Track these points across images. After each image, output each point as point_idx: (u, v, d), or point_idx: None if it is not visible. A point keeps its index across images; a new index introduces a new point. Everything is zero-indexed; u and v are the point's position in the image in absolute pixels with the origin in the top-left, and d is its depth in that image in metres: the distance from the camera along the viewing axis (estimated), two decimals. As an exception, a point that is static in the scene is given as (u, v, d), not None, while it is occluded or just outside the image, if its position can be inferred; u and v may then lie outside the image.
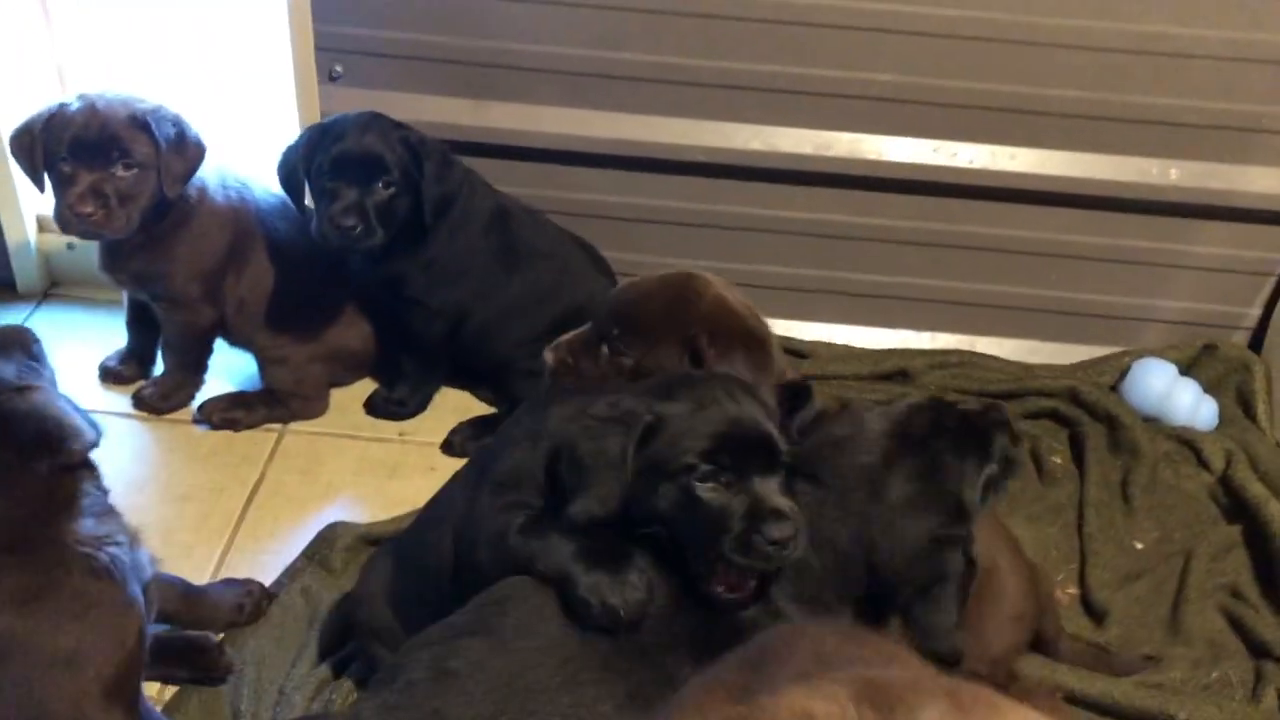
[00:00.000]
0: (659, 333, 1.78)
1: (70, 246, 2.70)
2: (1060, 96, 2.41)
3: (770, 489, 1.50)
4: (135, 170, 2.16)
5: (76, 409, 1.69)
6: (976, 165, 2.49)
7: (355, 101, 2.42)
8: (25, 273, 2.74)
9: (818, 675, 0.90)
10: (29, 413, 1.62)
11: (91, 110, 2.14)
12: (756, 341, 1.81)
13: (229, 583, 2.00)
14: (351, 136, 2.16)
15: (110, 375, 2.52)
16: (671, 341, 1.76)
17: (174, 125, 2.20)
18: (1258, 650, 2.05)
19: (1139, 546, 2.27)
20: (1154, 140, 2.45)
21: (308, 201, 2.28)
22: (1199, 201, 2.50)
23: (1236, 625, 2.10)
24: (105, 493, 1.71)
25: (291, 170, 2.24)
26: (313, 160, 2.18)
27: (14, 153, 2.20)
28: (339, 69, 2.47)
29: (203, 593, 1.96)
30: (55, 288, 2.79)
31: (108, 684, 1.57)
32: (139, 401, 2.45)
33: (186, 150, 2.20)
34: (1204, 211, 2.53)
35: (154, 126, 2.16)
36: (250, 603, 1.96)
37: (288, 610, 1.97)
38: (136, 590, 1.65)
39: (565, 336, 1.84)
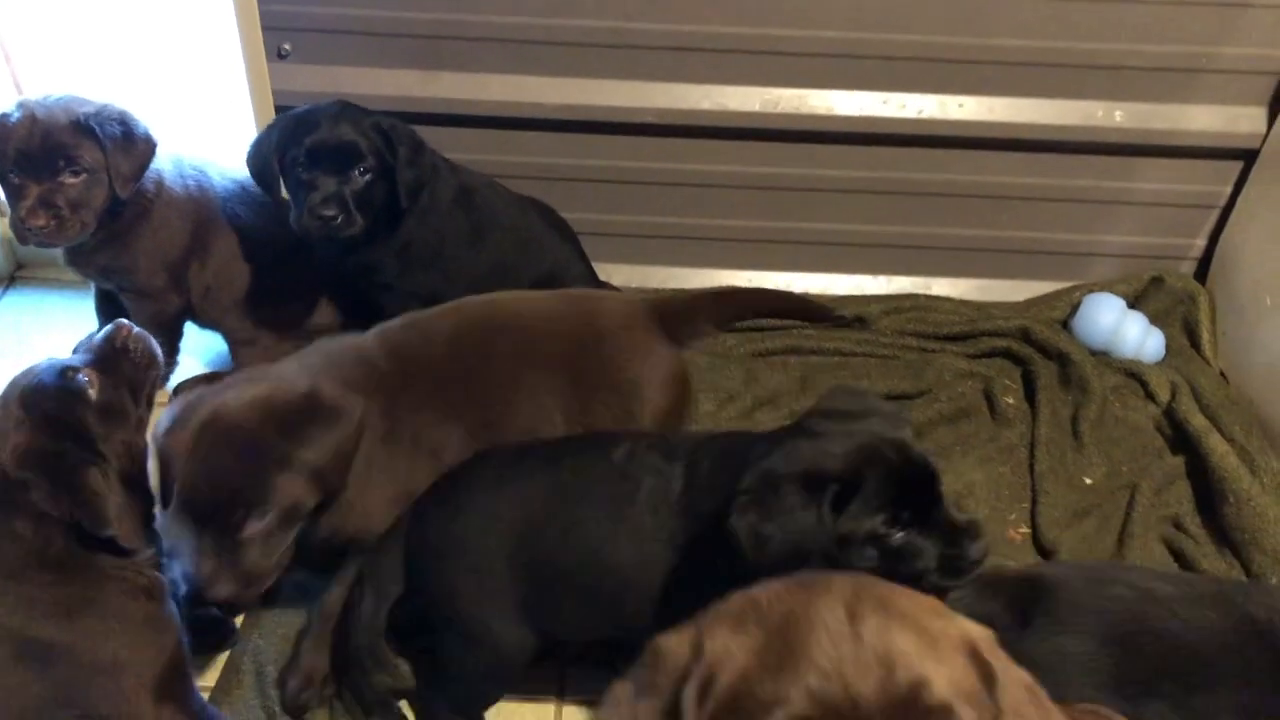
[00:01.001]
0: None
1: (33, 231, 2.70)
2: (1006, 46, 2.43)
3: (946, 508, 1.49)
4: (84, 176, 2.13)
5: None
6: (926, 115, 2.52)
7: (305, 78, 2.43)
8: (-11, 257, 2.76)
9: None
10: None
11: (32, 120, 2.10)
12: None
13: None
14: (325, 126, 2.15)
15: (83, 360, 2.55)
16: None
17: (120, 124, 2.16)
18: (1196, 581, 2.16)
19: (1088, 482, 2.36)
20: (1098, 84, 2.49)
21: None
22: (1144, 141, 2.55)
23: (1177, 557, 2.20)
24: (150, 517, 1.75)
25: (264, 162, 2.21)
26: (286, 152, 2.17)
27: None
28: (287, 47, 2.46)
29: None
30: (21, 270, 2.81)
31: (153, 684, 1.65)
32: (114, 387, 2.49)
33: (135, 148, 2.18)
34: (1149, 150, 2.58)
35: (98, 130, 2.12)
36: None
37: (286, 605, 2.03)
38: (172, 607, 1.71)
39: None
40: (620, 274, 2.74)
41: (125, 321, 1.83)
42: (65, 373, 1.70)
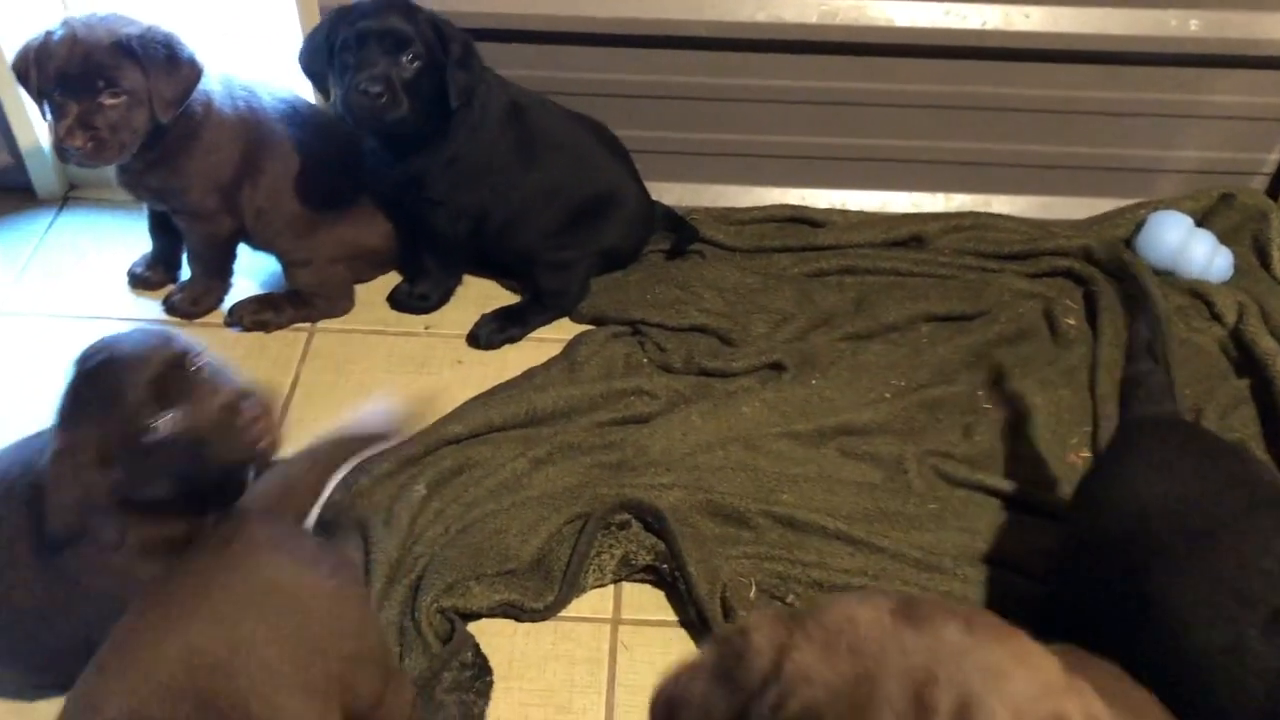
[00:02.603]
0: None
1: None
2: (1074, -49, 2.33)
3: None
4: (124, 98, 2.11)
5: None
6: (989, 26, 2.43)
7: (352, -5, 2.38)
8: (43, 178, 2.76)
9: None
10: None
11: (74, 39, 2.08)
12: None
13: None
14: (377, 12, 2.14)
15: (139, 281, 2.57)
16: None
17: (164, 47, 2.13)
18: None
19: (1149, 405, 2.32)
20: (1171, -10, 2.38)
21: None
22: (1218, 51, 2.44)
23: (1241, 481, 2.17)
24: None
25: (315, 51, 2.20)
26: (336, 38, 2.15)
27: (18, 81, 2.18)
28: (334, -39, 2.41)
29: None
30: (75, 191, 2.82)
31: None
32: (170, 308, 2.51)
33: (179, 72, 2.15)
34: (1223, 60, 2.47)
35: (140, 51, 2.10)
36: None
37: (346, 542, 2.03)
38: None
39: None
40: (672, 192, 2.70)
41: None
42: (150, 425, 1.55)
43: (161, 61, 2.13)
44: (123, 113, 2.13)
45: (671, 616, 1.99)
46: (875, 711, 0.88)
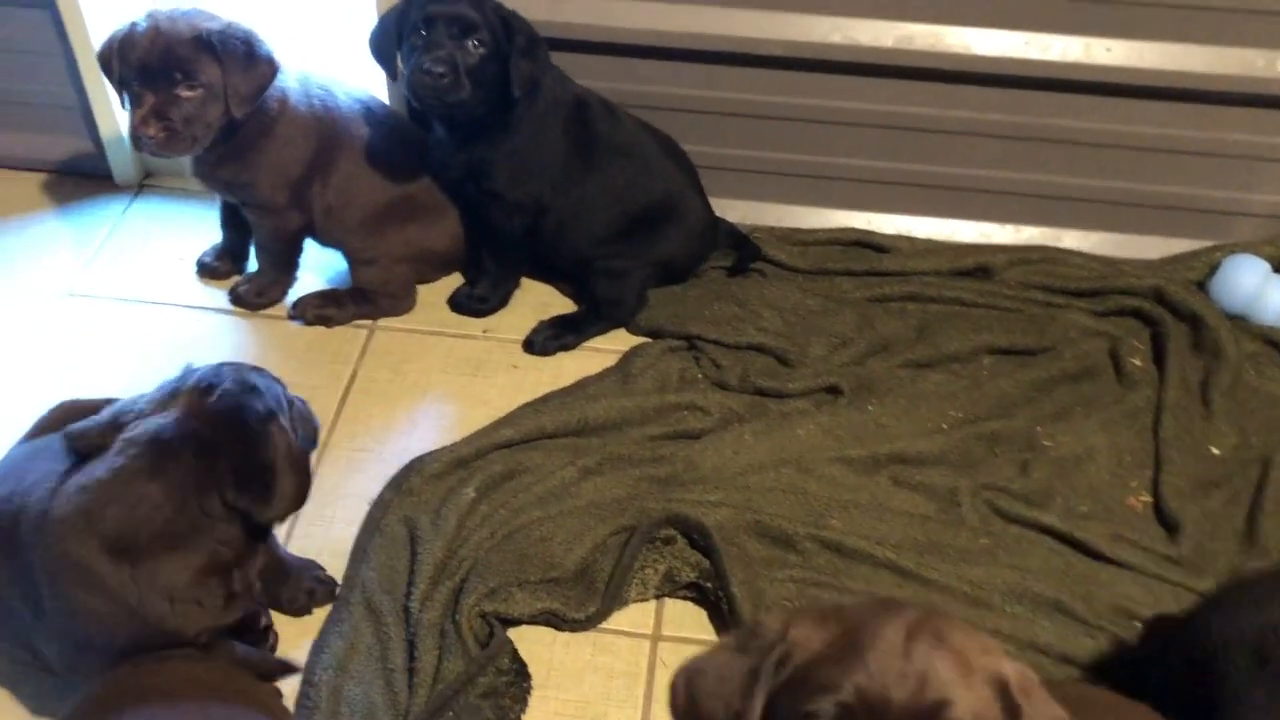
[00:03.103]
0: None
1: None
2: (1162, -14, 2.29)
3: None
4: (200, 91, 2.16)
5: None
6: (1070, 59, 2.40)
7: None
8: (121, 165, 2.82)
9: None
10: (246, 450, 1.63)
11: (156, 32, 2.13)
12: None
13: (308, 563, 2.01)
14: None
15: (206, 270, 2.61)
16: None
17: (243, 43, 2.18)
18: (1335, 563, 2.05)
19: (1216, 453, 2.26)
20: (1259, 30, 2.32)
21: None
22: (1305, 94, 2.39)
23: (1314, 536, 2.10)
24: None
25: (385, 33, 2.25)
26: (405, 21, 2.20)
27: (102, 70, 2.24)
28: (414, -35, 2.44)
29: (287, 565, 1.96)
30: (150, 179, 2.87)
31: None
32: (235, 298, 2.55)
33: (256, 69, 2.19)
34: (1309, 104, 2.42)
35: (219, 47, 2.14)
36: (322, 592, 1.98)
37: (393, 540, 2.04)
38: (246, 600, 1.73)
39: None
40: (737, 210, 2.69)
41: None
42: (269, 420, 1.66)
43: (239, 57, 2.17)
44: (198, 106, 2.17)
45: (712, 636, 1.97)
46: (871, 646, 1.12)
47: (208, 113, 2.19)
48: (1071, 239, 2.68)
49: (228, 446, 1.62)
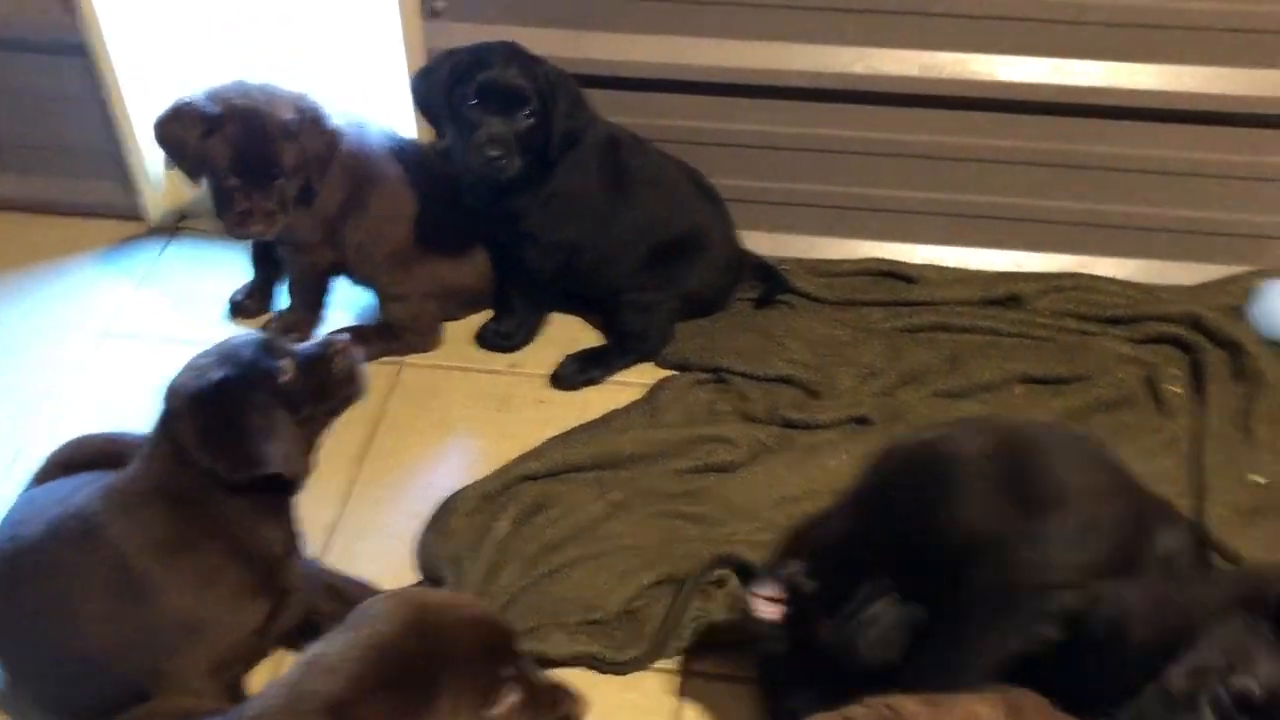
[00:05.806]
0: None
1: (198, 182, 2.81)
2: (1191, 9, 2.26)
3: None
4: (292, 179, 2.28)
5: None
6: (1099, 84, 2.37)
7: (457, 35, 2.42)
8: (157, 207, 2.86)
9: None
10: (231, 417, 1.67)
11: (242, 125, 2.21)
12: None
13: (365, 585, 1.99)
14: (497, 67, 2.20)
15: (238, 309, 2.65)
16: None
17: (318, 123, 2.28)
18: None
19: (1260, 481, 2.20)
20: (1292, 51, 2.30)
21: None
22: (1343, 116, 2.35)
23: (1360, 568, 2.04)
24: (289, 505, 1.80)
25: (433, 90, 2.27)
26: (455, 87, 2.22)
27: (161, 144, 2.31)
28: (440, 4, 2.46)
29: (345, 590, 1.96)
30: (185, 221, 2.91)
31: (217, 660, 1.70)
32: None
33: (330, 142, 2.31)
34: (1347, 125, 2.37)
35: (300, 132, 2.24)
36: None
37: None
38: (271, 589, 1.76)
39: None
40: (764, 242, 2.68)
41: (342, 338, 1.86)
42: (269, 347, 1.73)
43: (317, 136, 2.28)
44: (288, 188, 2.29)
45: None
46: None
47: (294, 189, 2.29)
48: (1105, 266, 2.64)
49: (188, 420, 1.66)
